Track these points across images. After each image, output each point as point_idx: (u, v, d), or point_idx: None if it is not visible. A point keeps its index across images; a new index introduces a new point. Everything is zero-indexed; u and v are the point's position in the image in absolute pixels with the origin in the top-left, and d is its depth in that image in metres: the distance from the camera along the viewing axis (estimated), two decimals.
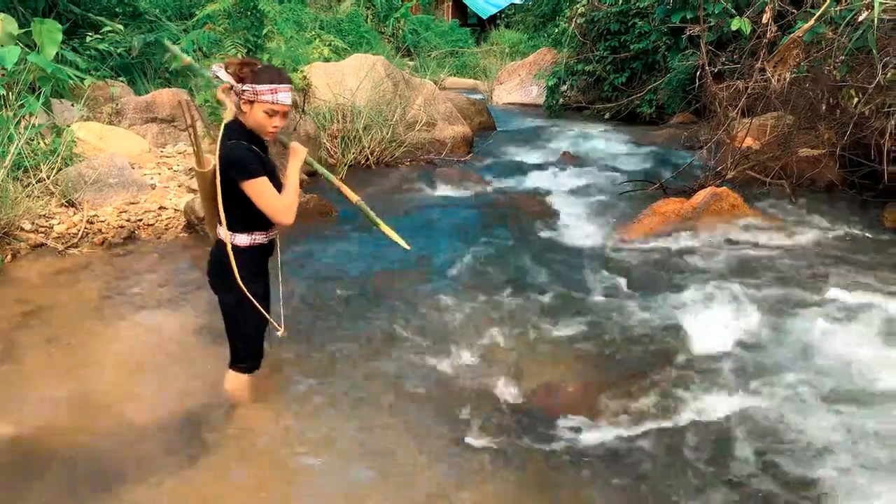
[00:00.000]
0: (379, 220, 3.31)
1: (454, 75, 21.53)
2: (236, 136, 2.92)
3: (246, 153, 2.89)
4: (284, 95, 2.92)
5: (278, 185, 3.02)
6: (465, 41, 26.50)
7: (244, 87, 2.86)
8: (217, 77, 2.87)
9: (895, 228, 6.22)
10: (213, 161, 2.88)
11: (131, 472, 2.93)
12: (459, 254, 5.77)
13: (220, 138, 2.88)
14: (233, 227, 2.98)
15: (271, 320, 3.13)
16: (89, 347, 4.00)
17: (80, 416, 3.32)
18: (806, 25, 6.06)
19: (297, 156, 3.11)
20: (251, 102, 2.89)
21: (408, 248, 3.37)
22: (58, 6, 9.53)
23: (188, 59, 3.42)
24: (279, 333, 3.15)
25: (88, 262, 5.27)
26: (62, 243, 5.48)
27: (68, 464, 2.97)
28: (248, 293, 3.00)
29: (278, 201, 2.94)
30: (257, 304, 3.05)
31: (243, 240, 3.02)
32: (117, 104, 8.22)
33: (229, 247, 2.96)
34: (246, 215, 2.97)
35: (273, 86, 2.86)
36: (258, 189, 2.89)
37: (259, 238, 3.07)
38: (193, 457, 3.06)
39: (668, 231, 6.07)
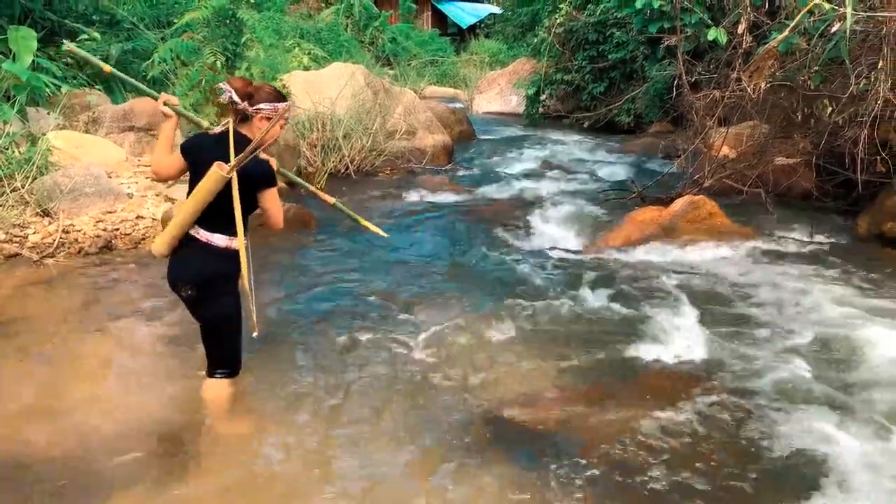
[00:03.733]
0: (357, 216, 3.80)
1: (434, 84, 21.56)
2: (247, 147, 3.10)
3: (268, 165, 3.19)
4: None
5: None
6: (445, 50, 26.58)
7: (264, 106, 3.16)
8: (231, 98, 3.14)
9: (868, 236, 6.31)
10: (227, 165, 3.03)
11: (105, 483, 2.88)
12: (438, 262, 5.78)
13: (247, 150, 3.01)
14: (234, 233, 3.12)
15: (254, 320, 3.21)
16: (64, 358, 3.94)
17: (53, 426, 3.26)
18: (780, 36, 6.15)
19: None
20: (269, 119, 3.17)
21: (385, 235, 4.07)
22: (34, 13, 9.43)
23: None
24: (255, 334, 3.24)
25: (64, 272, 5.21)
26: (37, 253, 5.41)
27: (40, 475, 2.92)
28: (251, 293, 3.17)
29: (281, 209, 3.31)
30: (252, 305, 3.19)
31: (237, 244, 3.16)
32: (94, 112, 8.14)
33: (242, 252, 3.13)
34: (245, 222, 3.18)
35: (288, 103, 3.27)
36: (275, 195, 3.23)
37: (246, 242, 3.25)
38: (170, 467, 3.02)
39: (646, 239, 6.11)
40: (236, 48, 8.12)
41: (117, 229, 5.90)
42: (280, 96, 3.24)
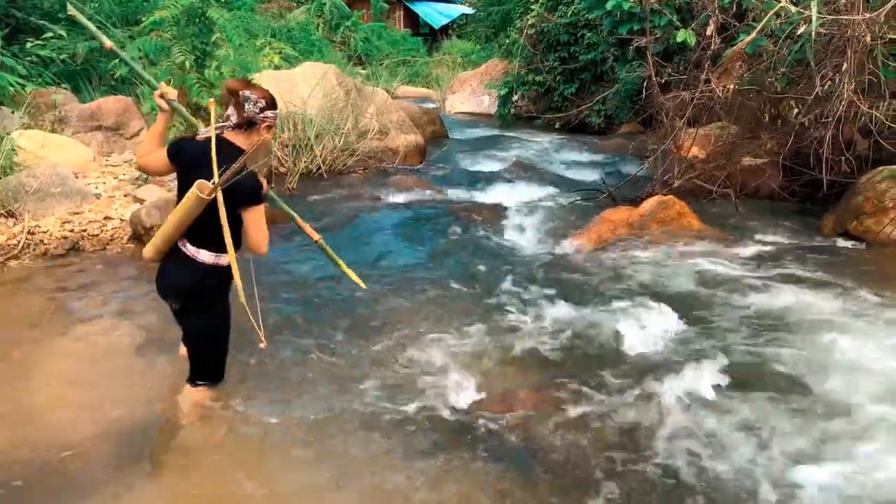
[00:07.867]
0: (339, 260, 3.49)
1: (406, 84, 21.53)
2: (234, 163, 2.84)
3: (256, 179, 2.93)
4: None
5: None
6: (417, 50, 26.56)
7: (270, 113, 2.92)
8: (259, 108, 2.88)
9: (833, 235, 6.42)
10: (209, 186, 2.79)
11: (74, 490, 2.84)
12: (410, 262, 5.78)
13: (233, 167, 2.75)
14: (221, 249, 2.92)
15: (260, 334, 2.99)
16: (30, 361, 3.87)
17: (21, 431, 3.21)
18: (748, 38, 6.24)
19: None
20: (271, 127, 2.97)
21: (364, 287, 3.58)
22: None
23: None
24: (262, 346, 3.04)
25: (29, 275, 5.12)
26: (1, 255, 5.31)
27: (7, 482, 2.87)
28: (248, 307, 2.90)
29: (266, 230, 2.99)
30: (253, 319, 2.91)
31: (226, 260, 2.98)
32: (60, 112, 8.01)
33: (234, 267, 2.87)
34: (234, 238, 2.94)
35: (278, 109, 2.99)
36: (259, 214, 2.95)
37: (240, 256, 3.04)
38: (140, 472, 2.99)
39: (617, 239, 6.16)
40: (206, 47, 8.03)
41: (84, 230, 5.81)
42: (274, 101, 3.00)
